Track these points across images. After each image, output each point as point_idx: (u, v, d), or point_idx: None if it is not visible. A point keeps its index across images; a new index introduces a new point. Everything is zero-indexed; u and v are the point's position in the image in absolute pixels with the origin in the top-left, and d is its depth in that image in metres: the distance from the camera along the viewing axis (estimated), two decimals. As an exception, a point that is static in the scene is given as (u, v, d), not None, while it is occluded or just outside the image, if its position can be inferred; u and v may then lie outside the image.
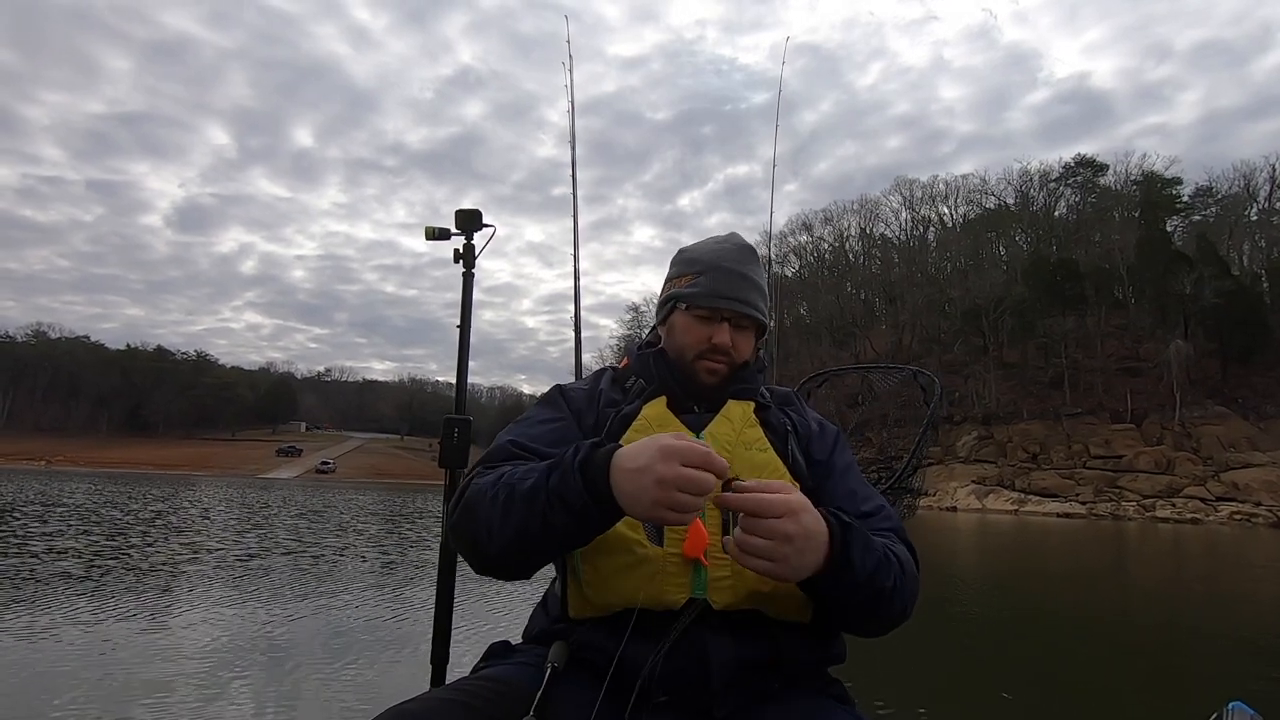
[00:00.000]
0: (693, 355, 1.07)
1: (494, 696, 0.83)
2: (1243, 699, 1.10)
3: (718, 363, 1.06)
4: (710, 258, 1.10)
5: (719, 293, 1.07)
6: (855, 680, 1.07)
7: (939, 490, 50.18)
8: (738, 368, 1.08)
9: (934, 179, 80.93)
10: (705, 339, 1.06)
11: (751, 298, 1.08)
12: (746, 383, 1.08)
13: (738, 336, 1.07)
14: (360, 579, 7.32)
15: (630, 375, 1.11)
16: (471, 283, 2.15)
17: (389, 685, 3.62)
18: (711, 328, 1.06)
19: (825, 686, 0.97)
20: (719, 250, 1.11)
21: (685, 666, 0.87)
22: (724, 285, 1.07)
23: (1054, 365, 58.69)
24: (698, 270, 1.09)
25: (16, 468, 55.20)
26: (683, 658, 0.87)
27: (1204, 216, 65.73)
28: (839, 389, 4.00)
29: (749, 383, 1.08)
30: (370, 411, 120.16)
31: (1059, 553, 16.91)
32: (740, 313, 1.07)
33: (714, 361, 1.06)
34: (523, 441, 0.99)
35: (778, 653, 0.91)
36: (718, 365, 1.06)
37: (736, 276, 1.08)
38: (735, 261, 1.09)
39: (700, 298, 1.07)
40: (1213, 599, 9.34)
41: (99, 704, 3.10)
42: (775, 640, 0.91)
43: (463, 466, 2.10)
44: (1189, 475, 45.64)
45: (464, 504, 0.91)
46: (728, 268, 1.08)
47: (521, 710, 0.80)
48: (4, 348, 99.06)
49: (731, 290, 1.07)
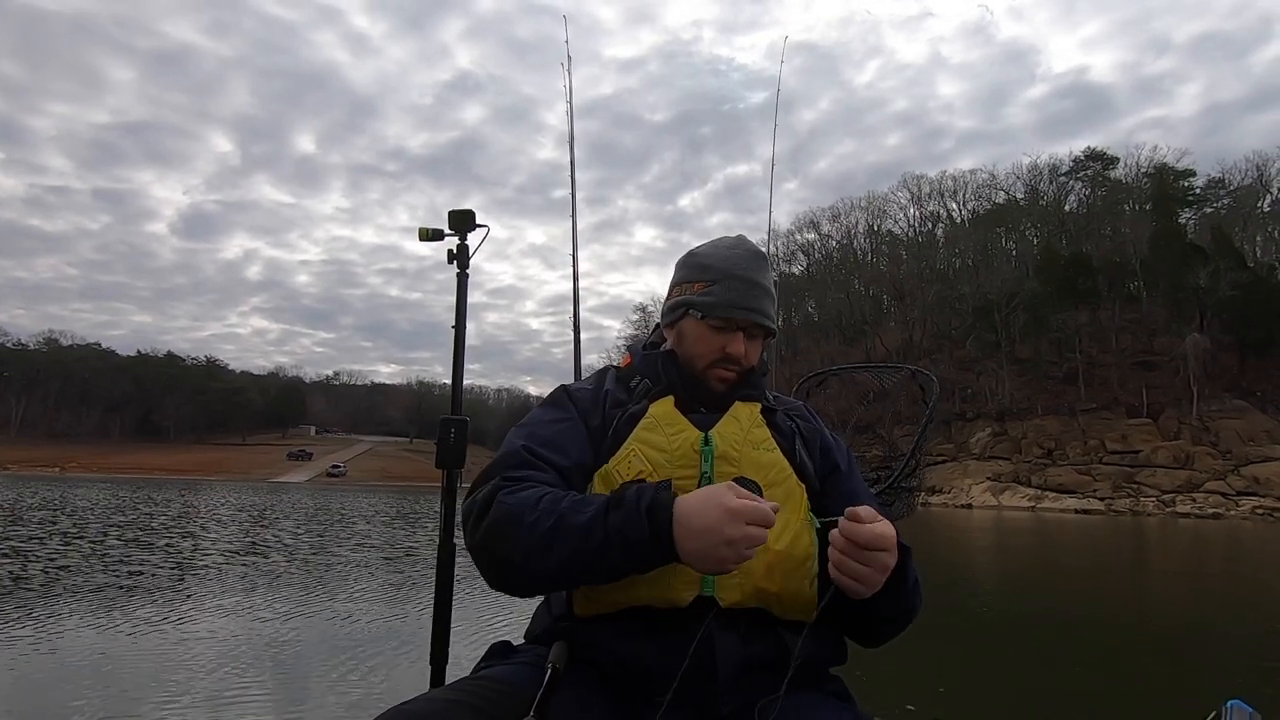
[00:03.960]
0: (704, 364, 1.07)
1: (494, 696, 0.83)
2: (1242, 697, 1.07)
3: (730, 371, 1.07)
4: (724, 265, 1.09)
5: (735, 303, 1.06)
6: (855, 680, 1.05)
7: (953, 487, 49.87)
8: (746, 372, 1.09)
9: (942, 174, 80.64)
10: (719, 349, 1.06)
11: (765, 307, 1.08)
12: (753, 386, 1.09)
13: (749, 345, 1.08)
14: (362, 579, 7.35)
15: (635, 374, 1.11)
16: (466, 283, 2.13)
17: (389, 685, 3.62)
18: (725, 337, 1.06)
19: (826, 685, 0.98)
20: (732, 258, 1.10)
21: (692, 664, 0.87)
22: (739, 295, 1.06)
23: (1068, 360, 58.20)
24: (711, 278, 1.08)
25: (32, 474, 55.91)
26: (690, 655, 0.87)
27: (1216, 209, 64.91)
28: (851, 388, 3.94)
29: (755, 386, 1.09)
30: (379, 414, 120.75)
31: (1076, 549, 16.74)
32: (755, 322, 1.07)
33: (726, 370, 1.07)
34: (535, 447, 0.99)
35: (781, 651, 0.92)
36: (729, 374, 1.07)
37: (751, 285, 1.07)
38: (749, 270, 1.08)
39: (716, 308, 1.06)
40: (1231, 595, 9.20)
41: (105, 705, 3.12)
42: (779, 639, 0.92)
43: (460, 467, 2.08)
44: (1209, 470, 45.11)
45: (493, 522, 0.89)
46: (742, 276, 1.07)
47: (522, 710, 0.80)
48: (16, 355, 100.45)
49: (746, 301, 1.07)
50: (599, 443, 1.02)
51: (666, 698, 0.87)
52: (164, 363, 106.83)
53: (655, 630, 0.89)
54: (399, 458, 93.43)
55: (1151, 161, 67.65)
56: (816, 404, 2.30)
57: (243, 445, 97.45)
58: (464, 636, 4.40)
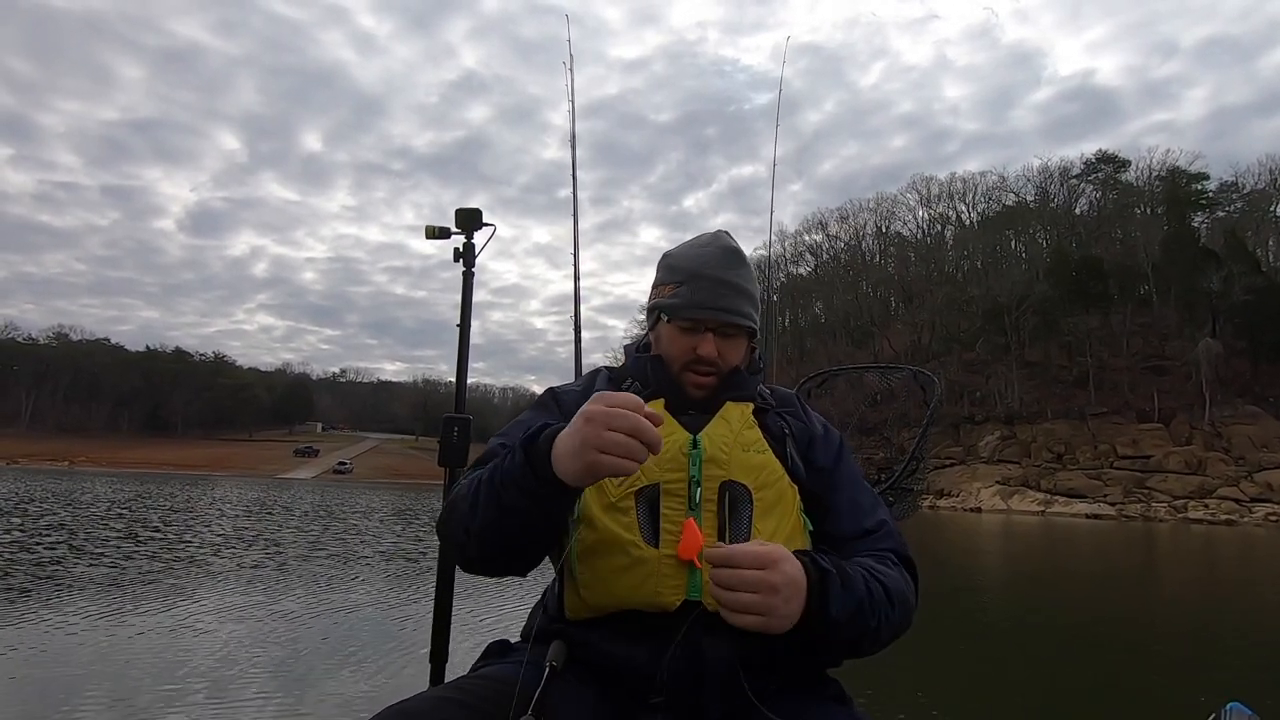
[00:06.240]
0: (679, 367, 1.05)
1: (493, 695, 0.83)
2: (1242, 700, 1.06)
3: (703, 375, 1.03)
4: (691, 265, 1.06)
5: (700, 303, 1.03)
6: (855, 681, 1.03)
7: (962, 491, 49.55)
8: (727, 375, 1.05)
9: (951, 176, 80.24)
10: (689, 350, 1.03)
11: (735, 304, 1.04)
12: (741, 388, 1.05)
13: (724, 345, 1.04)
14: (364, 577, 7.37)
15: (626, 377, 1.10)
16: (471, 282, 2.13)
17: (388, 684, 3.63)
18: (695, 339, 1.03)
19: (822, 687, 0.97)
20: (701, 257, 1.06)
21: (681, 667, 0.88)
22: (705, 295, 1.03)
23: (1078, 364, 57.76)
24: (679, 279, 1.05)
25: (41, 468, 56.48)
26: (678, 659, 0.88)
27: (1229, 212, 64.24)
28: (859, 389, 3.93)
29: (743, 387, 1.06)
30: (384, 412, 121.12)
31: (1086, 555, 16.60)
32: (725, 321, 1.04)
33: (700, 374, 1.03)
34: (509, 442, 0.97)
35: (773, 654, 0.91)
36: (704, 378, 1.04)
37: (718, 284, 1.03)
38: (717, 268, 1.04)
39: (681, 309, 1.04)
40: (1238, 601, 9.10)
41: (107, 701, 3.13)
42: (770, 641, 0.89)
43: (463, 465, 2.09)
44: (1221, 476, 44.64)
45: (447, 505, 0.94)
46: (709, 275, 1.04)
47: (520, 709, 0.80)
48: (26, 349, 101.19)
49: (713, 300, 1.03)
50: None
51: (659, 700, 0.87)
52: (172, 358, 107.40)
53: (646, 633, 0.89)
54: (404, 455, 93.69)
55: (1164, 165, 67.27)
56: (821, 406, 2.28)
57: (249, 441, 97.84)
58: (463, 635, 4.40)
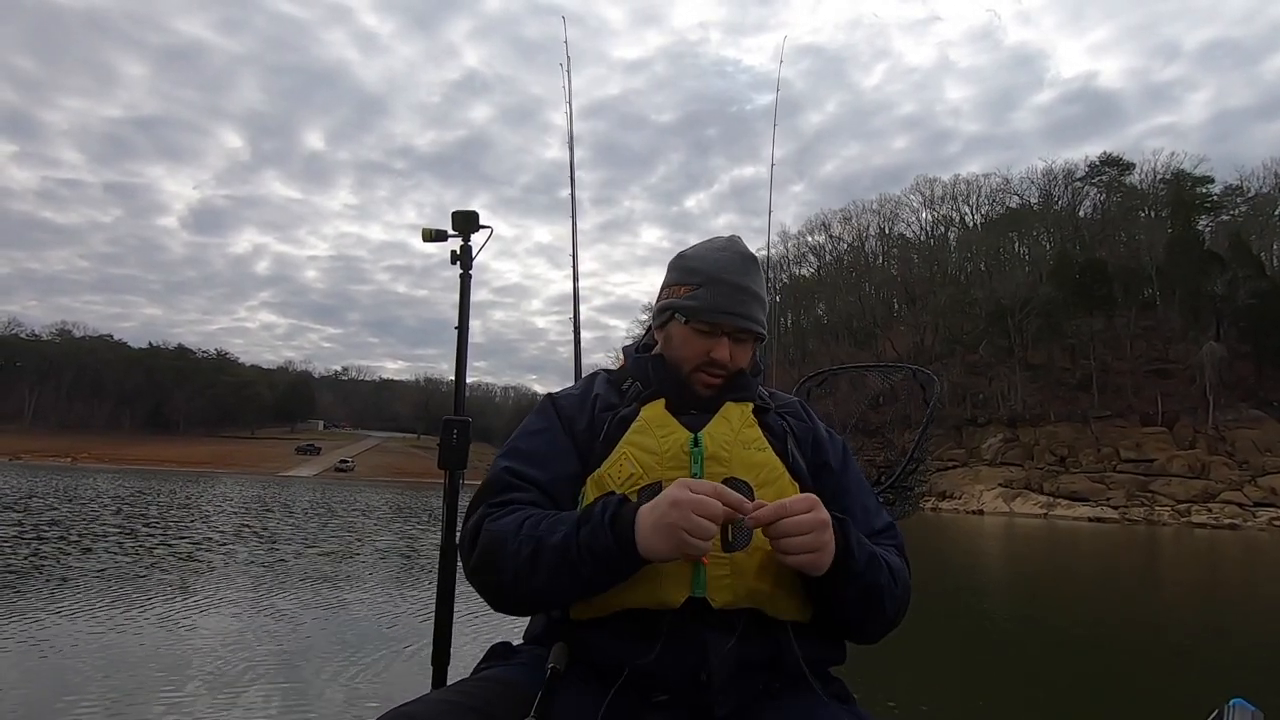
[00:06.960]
0: (690, 368, 1.06)
1: (495, 697, 0.84)
2: (1244, 697, 1.05)
3: (715, 376, 1.05)
4: (711, 269, 1.07)
5: (720, 308, 1.04)
6: (857, 680, 1.03)
7: (964, 493, 49.45)
8: (733, 376, 1.07)
9: (955, 178, 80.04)
10: (704, 353, 1.05)
11: (752, 311, 1.06)
12: (741, 388, 1.07)
13: (736, 349, 1.06)
14: (365, 579, 7.36)
15: (627, 377, 1.10)
16: (469, 284, 2.12)
17: (390, 686, 3.62)
18: (711, 342, 1.05)
19: (826, 686, 0.97)
20: (720, 260, 1.07)
21: (686, 666, 0.88)
22: (725, 300, 1.04)
23: (1081, 367, 57.62)
24: (697, 281, 1.06)
25: (44, 464, 56.63)
26: (683, 657, 0.88)
27: (1234, 216, 64.02)
28: (861, 390, 3.91)
29: (745, 388, 1.07)
30: (387, 410, 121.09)
31: (1088, 557, 16.56)
32: (741, 327, 1.05)
33: (711, 375, 1.05)
34: (516, 467, 1.01)
35: (778, 652, 0.92)
36: (714, 379, 1.05)
37: (738, 290, 1.05)
38: (737, 273, 1.06)
39: (701, 312, 1.05)
40: (1240, 603, 9.06)
41: (108, 699, 3.13)
42: (775, 639, 0.92)
43: (462, 468, 2.08)
44: (1225, 480, 44.52)
45: (482, 550, 0.93)
46: (729, 280, 1.05)
47: (523, 711, 0.81)
48: (30, 346, 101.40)
49: (732, 305, 1.04)
50: (588, 447, 1.02)
51: (663, 698, 0.88)
52: (175, 355, 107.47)
53: (650, 632, 0.89)
54: (406, 454, 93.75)
55: (1168, 168, 67.02)
56: (823, 407, 2.27)
57: (252, 439, 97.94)
58: (465, 637, 4.39)
